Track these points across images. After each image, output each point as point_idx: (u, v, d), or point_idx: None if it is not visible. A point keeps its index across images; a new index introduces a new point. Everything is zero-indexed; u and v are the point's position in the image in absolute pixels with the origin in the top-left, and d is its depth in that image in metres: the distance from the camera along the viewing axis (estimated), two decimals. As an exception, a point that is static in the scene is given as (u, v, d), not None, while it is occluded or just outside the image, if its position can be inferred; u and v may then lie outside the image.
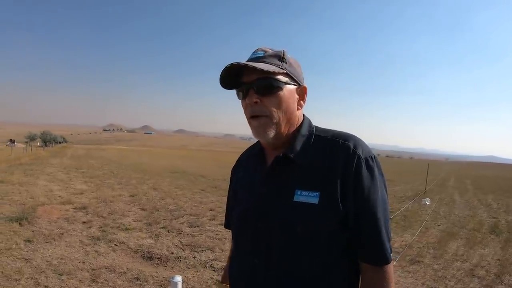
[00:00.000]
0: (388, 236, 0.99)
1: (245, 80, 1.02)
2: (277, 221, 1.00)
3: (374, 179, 0.98)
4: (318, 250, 0.96)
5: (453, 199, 12.04)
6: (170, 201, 8.98)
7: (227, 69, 0.98)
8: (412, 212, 8.90)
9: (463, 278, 4.34)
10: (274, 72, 0.99)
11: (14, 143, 78.59)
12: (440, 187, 16.28)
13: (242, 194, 1.16)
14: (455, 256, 5.25)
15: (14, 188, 9.36)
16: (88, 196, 8.95)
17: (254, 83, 1.00)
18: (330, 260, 0.98)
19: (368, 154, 1.00)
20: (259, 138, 1.06)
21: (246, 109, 1.04)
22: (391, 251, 0.99)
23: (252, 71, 0.98)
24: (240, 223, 1.13)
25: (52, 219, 6.23)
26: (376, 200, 0.97)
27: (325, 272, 0.97)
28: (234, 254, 1.20)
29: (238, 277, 1.12)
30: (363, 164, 0.97)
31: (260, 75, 0.99)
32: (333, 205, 0.95)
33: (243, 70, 1.01)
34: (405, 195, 12.65)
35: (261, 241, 1.03)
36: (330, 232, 0.96)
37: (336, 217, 0.95)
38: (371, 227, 0.96)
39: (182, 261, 4.49)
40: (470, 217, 8.76)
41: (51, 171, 14.73)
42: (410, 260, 4.92)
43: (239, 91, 1.05)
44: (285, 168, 1.03)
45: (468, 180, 21.84)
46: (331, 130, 1.09)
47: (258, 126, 1.02)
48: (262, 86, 0.99)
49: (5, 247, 4.51)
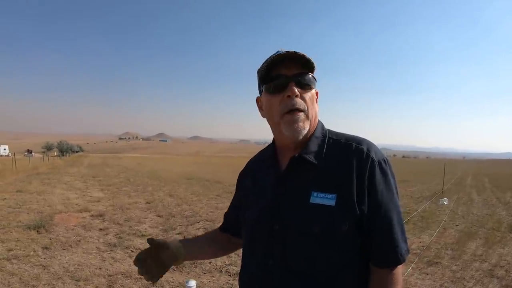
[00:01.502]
0: (403, 237, 0.99)
1: (285, 73, 1.01)
2: (293, 222, 1.00)
3: (387, 182, 0.99)
4: (333, 251, 0.97)
5: (471, 198, 11.81)
6: (186, 207, 9.04)
7: (275, 58, 0.99)
8: (430, 213, 8.76)
9: (482, 279, 4.25)
10: (314, 68, 1.01)
11: (31, 153, 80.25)
12: (458, 186, 16.00)
13: (255, 197, 1.16)
14: (474, 256, 5.14)
15: (32, 197, 9.57)
16: (105, 204, 9.08)
17: (296, 76, 1.00)
18: (344, 261, 0.98)
19: (381, 157, 1.01)
20: (293, 133, 1.02)
21: (282, 103, 1.01)
22: (408, 252, 1.00)
23: (293, 65, 1.00)
24: (254, 225, 1.13)
25: (69, 226, 6.34)
26: (390, 202, 0.98)
27: (339, 273, 0.97)
28: (247, 258, 1.20)
29: (253, 279, 1.12)
30: (377, 167, 0.98)
31: (300, 70, 1.00)
32: (349, 207, 0.95)
33: (279, 64, 1.01)
34: (422, 196, 12.47)
35: (276, 243, 1.03)
36: (346, 234, 0.96)
37: (352, 219, 0.95)
38: (385, 229, 0.97)
39: (198, 267, 4.51)
40: (489, 216, 8.58)
41: (68, 180, 15.00)
42: (428, 262, 4.83)
43: (276, 84, 1.02)
44: (301, 169, 1.03)
45: (486, 178, 21.42)
46: (343, 133, 1.10)
47: (294, 120, 1.00)
48: (304, 80, 1.01)
49: (23, 254, 4.61)
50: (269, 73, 1.03)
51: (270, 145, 1.20)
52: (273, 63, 1.01)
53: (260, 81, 1.09)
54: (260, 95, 1.13)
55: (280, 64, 1.01)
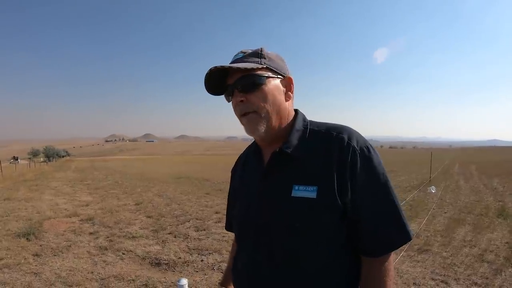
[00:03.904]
0: (395, 223, 0.97)
1: (229, 82, 1.04)
2: (276, 217, 1.00)
3: (372, 169, 0.97)
4: (318, 243, 0.97)
5: (459, 186, 12.01)
6: (175, 206, 9.00)
7: (208, 74, 1.00)
8: (418, 201, 8.89)
9: (472, 264, 4.32)
10: (253, 68, 1.00)
11: (17, 160, 78.88)
12: (445, 174, 16.26)
13: (242, 193, 1.17)
14: (463, 242, 5.24)
15: (20, 204, 9.41)
16: (94, 207, 8.97)
17: (236, 82, 1.02)
18: (330, 253, 0.98)
19: (363, 144, 1.00)
20: (251, 134, 1.06)
21: (235, 109, 1.06)
22: (403, 235, 0.97)
23: (234, 72, 1.01)
24: (242, 221, 1.14)
25: (59, 232, 6.25)
26: (375, 190, 0.97)
27: (326, 266, 0.97)
28: (237, 254, 1.21)
29: (242, 275, 1.13)
30: (358, 155, 0.97)
31: (241, 74, 1.01)
32: (331, 198, 0.94)
33: (227, 74, 1.04)
34: (410, 185, 12.63)
35: (262, 238, 1.03)
36: (330, 225, 0.96)
37: (335, 210, 0.95)
38: (371, 218, 0.96)
39: (190, 265, 4.50)
40: (477, 202, 8.74)
41: (56, 185, 14.79)
42: (418, 249, 4.90)
43: (226, 94, 1.07)
44: (282, 164, 1.03)
45: (472, 166, 21.80)
46: (326, 123, 1.09)
47: (247, 122, 1.03)
48: (245, 84, 1.01)
49: (14, 263, 4.53)
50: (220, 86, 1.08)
51: (254, 141, 1.21)
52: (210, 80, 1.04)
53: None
54: None
55: (227, 74, 1.04)
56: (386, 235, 0.97)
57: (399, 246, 0.98)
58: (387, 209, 0.97)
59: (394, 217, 0.97)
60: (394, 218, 0.97)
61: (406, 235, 0.97)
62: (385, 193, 0.98)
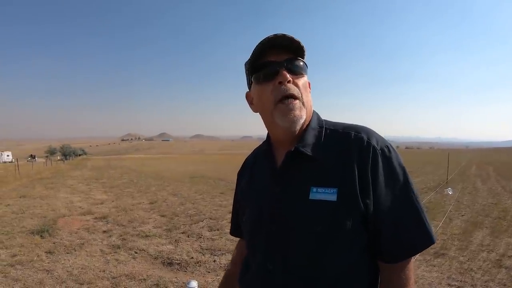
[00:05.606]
0: (419, 226, 0.90)
1: (274, 59, 0.95)
2: (293, 222, 0.93)
3: (393, 170, 0.91)
4: (339, 249, 0.90)
5: (476, 188, 11.74)
6: (189, 206, 9.02)
7: (264, 43, 0.93)
8: (435, 203, 8.71)
9: (490, 269, 4.19)
10: (303, 54, 0.95)
11: (35, 159, 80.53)
12: (462, 176, 15.92)
13: (253, 197, 1.10)
14: (481, 246, 5.09)
15: (35, 202, 9.58)
16: (108, 206, 9.08)
17: (287, 61, 0.94)
18: (350, 260, 0.92)
19: (383, 144, 0.94)
20: (289, 123, 0.95)
21: (274, 91, 0.94)
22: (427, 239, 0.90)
23: (282, 52, 0.94)
24: (252, 227, 1.07)
25: (72, 230, 6.33)
26: (397, 191, 0.90)
27: (345, 273, 0.91)
28: (248, 260, 1.15)
29: (254, 283, 1.06)
30: (380, 155, 0.91)
31: (291, 55, 0.94)
32: (353, 201, 0.88)
33: (267, 52, 0.95)
34: (427, 186, 12.40)
35: (276, 245, 0.97)
36: (351, 230, 0.89)
37: (356, 213, 0.89)
38: (393, 222, 0.90)
39: (202, 266, 4.48)
40: (494, 205, 8.52)
41: (71, 183, 15.03)
42: (435, 253, 4.78)
43: (270, 69, 0.95)
44: (298, 164, 0.97)
45: (490, 167, 21.33)
46: (341, 123, 1.03)
47: (293, 108, 0.92)
48: (296, 65, 0.95)
49: (26, 260, 4.60)
50: (257, 62, 0.96)
51: (265, 141, 1.13)
52: (262, 49, 0.94)
53: (248, 73, 1.02)
54: (249, 89, 1.06)
55: (268, 52, 0.94)
56: (407, 238, 0.90)
57: (421, 250, 0.91)
58: (409, 210, 0.90)
59: (416, 219, 0.90)
60: (416, 220, 0.90)
61: (428, 239, 0.90)
62: (407, 194, 0.91)
